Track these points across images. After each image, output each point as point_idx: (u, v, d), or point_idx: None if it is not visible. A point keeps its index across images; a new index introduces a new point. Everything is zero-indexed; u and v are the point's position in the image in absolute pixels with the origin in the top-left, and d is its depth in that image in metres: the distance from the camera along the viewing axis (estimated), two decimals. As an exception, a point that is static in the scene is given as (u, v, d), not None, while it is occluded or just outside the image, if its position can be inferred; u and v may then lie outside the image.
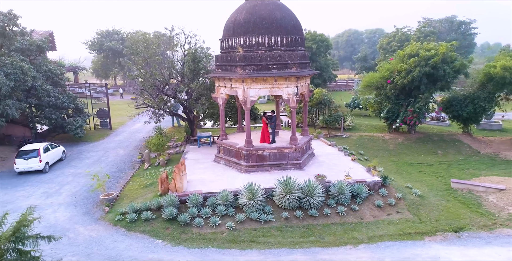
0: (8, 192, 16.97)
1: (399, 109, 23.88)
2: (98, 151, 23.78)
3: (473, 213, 14.26)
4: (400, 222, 13.46)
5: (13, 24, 18.93)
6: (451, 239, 12.40)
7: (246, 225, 12.94)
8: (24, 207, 15.24)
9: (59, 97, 24.41)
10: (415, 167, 20.07)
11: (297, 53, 16.17)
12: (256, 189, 13.78)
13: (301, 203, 13.71)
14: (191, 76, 21.20)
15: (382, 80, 24.09)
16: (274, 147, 16.96)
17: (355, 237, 12.41)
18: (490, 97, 22.86)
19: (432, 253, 11.40)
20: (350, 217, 13.50)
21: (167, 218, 13.23)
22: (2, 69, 18.59)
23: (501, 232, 12.84)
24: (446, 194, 16.03)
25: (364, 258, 11.22)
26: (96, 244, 12.11)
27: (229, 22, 16.80)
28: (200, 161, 18.79)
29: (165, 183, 14.98)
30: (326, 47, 37.84)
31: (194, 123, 23.53)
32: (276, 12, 16.12)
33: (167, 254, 11.55)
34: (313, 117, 26.66)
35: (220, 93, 17.67)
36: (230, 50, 16.59)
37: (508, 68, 20.93)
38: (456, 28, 61.47)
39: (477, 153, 22.42)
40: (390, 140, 23.96)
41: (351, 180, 15.09)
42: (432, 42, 24.02)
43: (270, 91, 16.28)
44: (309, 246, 11.89)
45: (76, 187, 17.45)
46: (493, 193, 15.55)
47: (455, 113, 24.13)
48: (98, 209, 14.95)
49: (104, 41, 55.60)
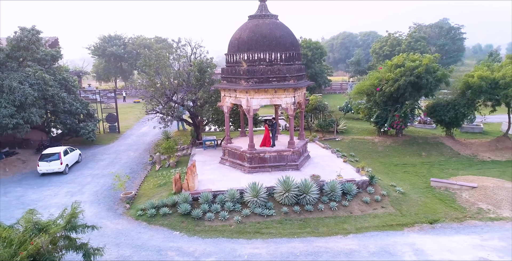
0: (35, 191, 18.88)
1: (387, 115, 26.06)
2: (110, 153, 25.70)
3: (448, 207, 16.41)
4: (384, 215, 15.55)
5: (36, 40, 20.79)
6: (427, 229, 14.52)
7: (251, 219, 14.96)
8: (53, 204, 17.23)
9: (73, 104, 26.28)
10: (400, 167, 22.24)
11: (294, 67, 18.25)
12: (259, 187, 15.82)
13: (299, 199, 15.75)
14: (197, 85, 23.20)
15: (372, 88, 26.24)
16: (274, 150, 19.03)
17: (345, 228, 14.47)
18: (469, 104, 25.09)
19: (409, 241, 13.50)
20: (341, 212, 15.57)
21: (182, 213, 15.22)
22: (27, 80, 20.48)
23: (469, 223, 15.00)
24: (426, 191, 18.18)
25: (352, 245, 13.29)
26: (123, 235, 14.08)
27: (233, 39, 18.84)
28: (207, 162, 20.79)
29: (178, 183, 16.98)
30: (320, 54, 39.98)
31: (199, 127, 25.53)
32: (275, 31, 18.19)
33: (185, 243, 13.54)
34: (308, 121, 28.77)
35: (225, 102, 19.70)
36: (235, 64, 18.63)
37: (484, 78, 23.17)
38: (445, 34, 63.95)
39: (457, 154, 24.67)
40: (379, 143, 26.14)
41: (342, 179, 17.18)
42: (417, 53, 26.15)
43: (271, 101, 18.35)
44: (306, 236, 13.92)
45: (96, 186, 19.40)
46: (467, 190, 17.73)
47: (438, 118, 26.36)
48: (119, 206, 16.92)
49: (107, 46, 57.38)
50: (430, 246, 13.03)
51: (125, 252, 12.86)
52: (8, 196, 18.33)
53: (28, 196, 18.26)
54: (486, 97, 24.03)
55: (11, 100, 19.28)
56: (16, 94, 19.27)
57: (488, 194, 16.95)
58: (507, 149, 24.86)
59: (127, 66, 61.50)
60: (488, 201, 16.53)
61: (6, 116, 18.98)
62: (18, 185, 19.94)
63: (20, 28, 20.82)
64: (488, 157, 24.12)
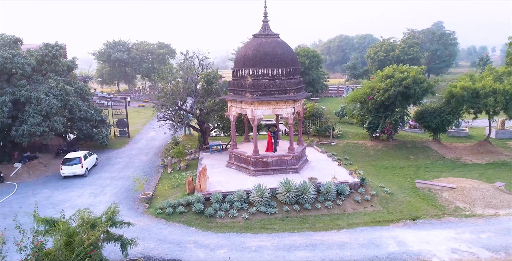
0: (61, 193, 20.97)
1: (378, 121, 28.33)
2: (123, 157, 27.81)
3: (429, 206, 18.65)
4: (373, 213, 17.77)
5: (59, 54, 22.90)
6: (409, 225, 16.73)
7: (257, 216, 17.12)
8: (79, 204, 19.30)
9: (88, 111, 28.38)
10: (390, 170, 24.49)
11: (294, 81, 20.46)
12: (263, 188, 17.99)
13: (298, 199, 17.92)
14: (204, 95, 25.36)
15: (365, 96, 28.51)
16: (276, 155, 21.23)
17: (338, 224, 16.65)
18: (454, 111, 27.35)
19: (393, 234, 15.71)
20: (335, 210, 17.77)
21: (196, 211, 17.35)
22: (51, 92, 22.58)
23: (446, 219, 17.23)
24: (411, 192, 20.44)
25: (344, 238, 15.47)
26: (146, 231, 16.20)
27: (239, 56, 21.02)
28: (215, 166, 22.94)
29: (191, 184, 19.15)
30: (317, 62, 42.27)
31: (206, 133, 27.69)
32: (277, 49, 20.39)
33: (200, 237, 15.69)
34: (306, 127, 31.00)
35: (232, 112, 21.89)
36: (241, 78, 20.80)
37: (466, 88, 25.47)
38: (438, 39, 66.33)
39: (442, 157, 26.97)
40: (371, 147, 28.41)
41: (337, 181, 19.38)
42: (406, 65, 28.44)
43: (273, 111, 20.56)
44: (304, 231, 16.07)
45: (116, 188, 21.52)
46: (447, 191, 19.99)
47: (426, 124, 28.66)
48: (139, 205, 19.06)
49: (112, 52, 59.43)
50: (411, 239, 15.24)
51: (150, 245, 14.99)
52: (37, 196, 20.41)
53: (55, 197, 20.34)
54: (468, 105, 26.31)
55: (39, 110, 21.38)
56: (42, 105, 21.38)
57: (465, 194, 19.21)
58: (488, 152, 27.19)
59: (130, 71, 63.67)
60: (464, 200, 18.79)
61: (34, 125, 21.08)
62: (44, 186, 22.02)
63: (45, 44, 22.95)
64: (470, 160, 26.43)
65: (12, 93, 20.83)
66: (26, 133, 21.01)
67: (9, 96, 20.57)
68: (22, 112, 21.36)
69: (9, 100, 20.42)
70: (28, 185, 22.27)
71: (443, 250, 14.24)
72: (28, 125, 20.95)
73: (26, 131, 20.91)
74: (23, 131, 20.93)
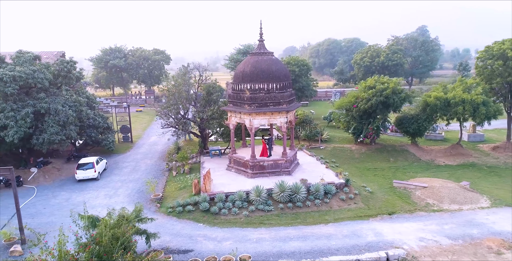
0: (78, 195, 23.32)
1: (362, 127, 31.33)
2: (130, 161, 30.19)
3: (404, 202, 21.61)
4: (356, 209, 20.63)
5: (73, 69, 25.22)
6: (386, 219, 19.64)
7: (256, 213, 19.80)
8: (97, 205, 21.71)
9: (96, 118, 30.69)
10: (371, 171, 27.46)
11: (286, 94, 23.23)
12: (261, 189, 20.69)
13: (291, 198, 20.66)
14: (205, 105, 27.95)
15: (350, 104, 31.49)
16: (271, 159, 23.97)
17: (326, 219, 19.44)
18: (429, 118, 30.52)
19: (372, 227, 18.57)
20: (323, 207, 20.57)
21: (203, 210, 19.95)
22: (67, 103, 24.90)
23: (417, 214, 20.18)
24: (389, 191, 23.39)
25: (331, 231, 18.27)
26: (161, 227, 18.71)
27: (238, 72, 23.70)
28: (216, 169, 25.53)
29: (197, 186, 21.74)
30: (306, 70, 45.18)
31: (206, 139, 30.28)
32: (272, 66, 23.13)
33: (208, 231, 18.30)
34: (297, 132, 33.83)
35: (231, 121, 24.54)
36: (240, 92, 23.47)
37: (439, 97, 28.64)
38: (420, 46, 69.98)
39: (419, 159, 30.09)
40: (356, 150, 31.40)
41: (325, 182, 22.19)
42: (386, 77, 31.52)
43: (268, 121, 23.31)
44: (297, 225, 18.81)
45: (127, 190, 23.95)
46: (420, 189, 23.00)
47: (404, 129, 31.78)
48: (151, 205, 21.56)
49: (109, 58, 61.39)
50: (386, 230, 18.13)
51: (166, 238, 17.55)
52: (57, 199, 22.73)
53: (74, 199, 22.69)
54: (441, 113, 29.49)
55: (57, 121, 23.69)
56: (60, 116, 23.69)
57: (435, 192, 22.25)
58: (459, 154, 30.42)
59: (126, 76, 65.74)
60: (434, 197, 21.82)
61: (53, 134, 23.38)
62: (61, 189, 24.32)
63: (60, 60, 25.26)
64: (443, 161, 29.60)
65: (33, 105, 23.11)
66: (46, 141, 23.30)
67: (31, 108, 22.85)
68: (42, 123, 23.64)
69: (31, 112, 22.70)
70: (46, 188, 24.52)
71: (412, 239, 17.17)
72: (48, 134, 23.26)
73: (46, 139, 23.21)
74: (43, 139, 23.22)
